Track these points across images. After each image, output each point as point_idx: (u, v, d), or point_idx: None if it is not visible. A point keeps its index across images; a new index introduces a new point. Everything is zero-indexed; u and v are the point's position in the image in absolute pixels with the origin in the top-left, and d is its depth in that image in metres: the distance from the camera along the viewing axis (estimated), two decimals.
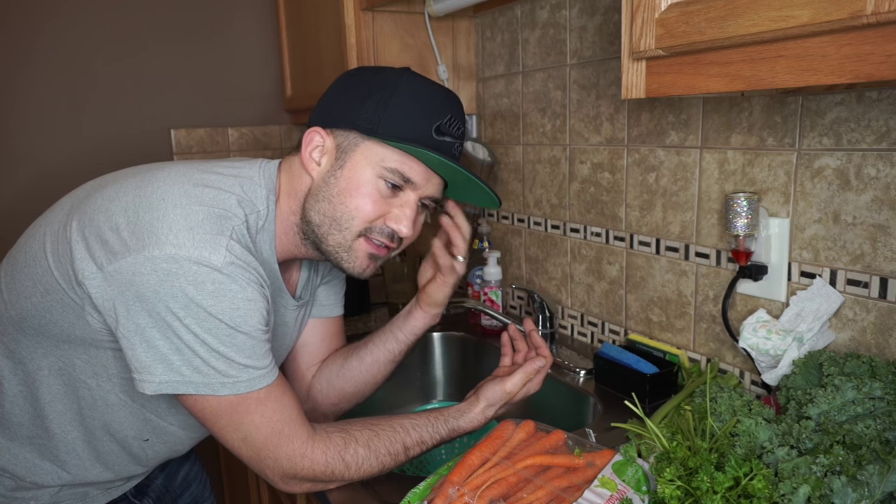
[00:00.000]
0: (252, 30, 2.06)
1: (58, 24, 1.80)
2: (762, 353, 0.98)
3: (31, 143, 1.81)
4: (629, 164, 1.29)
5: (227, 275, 0.76)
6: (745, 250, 1.03)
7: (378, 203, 0.88)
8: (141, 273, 0.75)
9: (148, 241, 0.75)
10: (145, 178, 0.83)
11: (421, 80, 0.90)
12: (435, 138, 0.87)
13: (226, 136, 2.07)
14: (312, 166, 0.90)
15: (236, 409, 0.80)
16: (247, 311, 0.78)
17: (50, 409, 0.88)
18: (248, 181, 0.88)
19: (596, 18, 1.32)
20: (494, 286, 1.59)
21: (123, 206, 0.80)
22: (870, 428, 0.75)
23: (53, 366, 0.86)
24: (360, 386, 1.09)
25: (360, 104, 0.87)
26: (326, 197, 0.88)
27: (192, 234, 0.76)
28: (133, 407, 0.90)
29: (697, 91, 0.71)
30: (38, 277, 0.82)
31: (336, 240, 0.89)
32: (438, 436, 0.93)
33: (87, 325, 0.81)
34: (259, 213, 0.87)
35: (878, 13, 0.52)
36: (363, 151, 0.87)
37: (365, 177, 0.87)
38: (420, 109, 0.87)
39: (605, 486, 0.78)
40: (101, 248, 0.77)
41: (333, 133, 0.90)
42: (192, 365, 0.77)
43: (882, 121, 0.89)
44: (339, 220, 0.88)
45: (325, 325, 1.11)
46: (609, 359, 1.23)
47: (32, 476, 0.91)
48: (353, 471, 0.86)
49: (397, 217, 0.89)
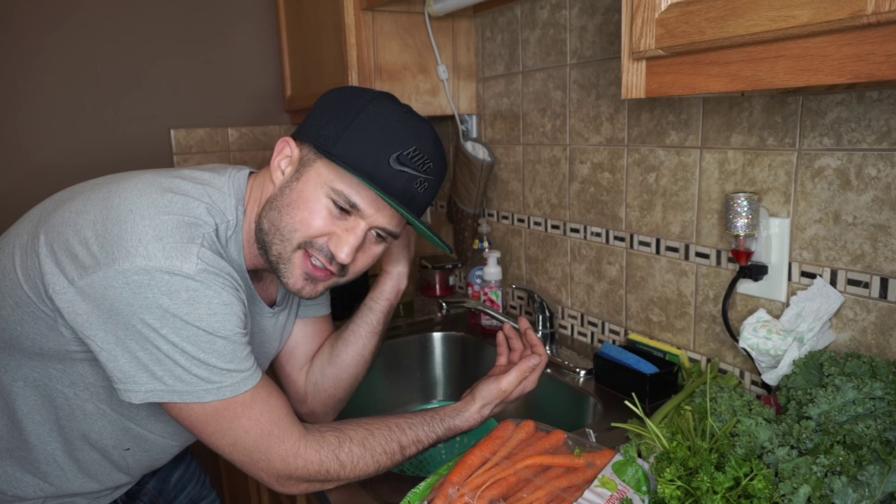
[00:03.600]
0: (252, 30, 2.06)
1: (58, 25, 1.80)
2: (762, 353, 0.98)
3: (32, 143, 1.81)
4: (629, 164, 1.29)
5: (201, 281, 0.76)
6: (746, 250, 1.03)
7: (325, 221, 0.87)
8: (113, 287, 0.74)
9: (118, 255, 0.75)
10: (112, 189, 0.83)
11: (393, 107, 0.88)
12: (392, 168, 0.85)
13: (226, 136, 2.07)
14: (277, 175, 0.90)
15: (223, 415, 0.80)
16: (224, 316, 0.78)
17: (27, 420, 0.88)
18: (216, 191, 0.87)
19: (596, 18, 1.32)
20: (494, 286, 1.59)
21: (91, 218, 0.79)
22: (870, 428, 0.75)
23: (28, 377, 0.85)
24: (351, 367, 1.09)
25: (327, 122, 0.87)
26: (277, 206, 0.88)
27: (162, 245, 0.76)
28: (112, 416, 0.89)
29: (697, 91, 0.71)
30: (8, 291, 0.81)
31: (277, 249, 0.88)
32: (435, 434, 0.93)
33: (59, 336, 0.80)
34: (228, 222, 0.87)
35: (878, 13, 0.52)
36: (316, 169, 0.87)
37: (314, 194, 0.87)
38: (380, 136, 0.85)
39: (606, 486, 0.78)
40: (70, 263, 0.77)
41: (301, 145, 0.90)
42: (173, 374, 0.77)
43: (882, 121, 0.89)
44: (283, 230, 0.87)
45: (314, 324, 1.11)
46: (609, 359, 1.23)
47: (14, 489, 0.90)
48: (348, 470, 0.86)
49: (338, 240, 0.87)
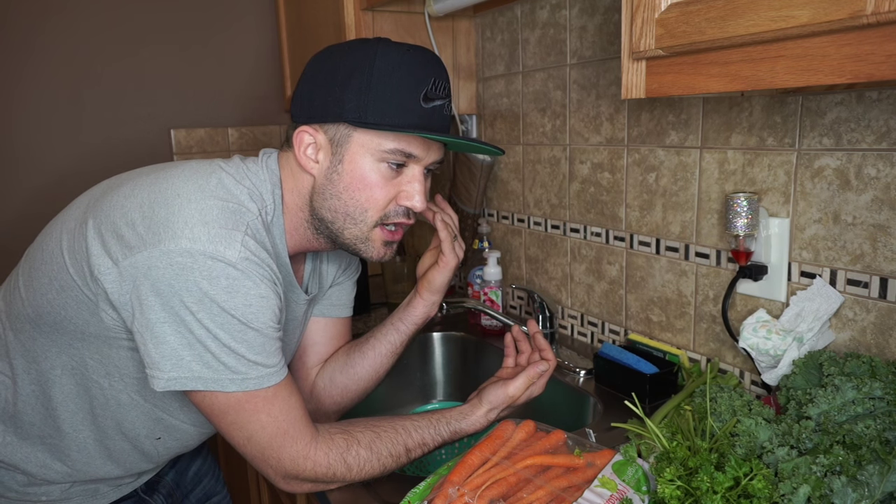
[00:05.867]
0: (252, 30, 2.06)
1: (58, 25, 1.80)
2: (762, 353, 0.98)
3: (32, 143, 1.82)
4: (629, 164, 1.29)
5: (242, 270, 0.77)
6: (745, 250, 1.03)
7: (386, 188, 0.88)
8: (156, 266, 0.75)
9: (164, 235, 0.76)
10: (160, 175, 0.84)
11: (396, 50, 0.86)
12: (424, 108, 0.85)
13: (226, 136, 2.07)
14: (311, 165, 0.89)
15: (244, 407, 0.80)
16: (259, 308, 0.78)
17: (62, 408, 0.89)
18: (253, 175, 0.88)
19: (596, 18, 1.32)
20: (494, 286, 1.59)
21: (139, 202, 0.80)
22: (870, 428, 0.75)
23: (66, 365, 0.86)
24: (363, 381, 1.09)
25: (342, 93, 0.85)
26: (334, 194, 0.88)
27: (208, 229, 0.76)
28: (145, 406, 0.90)
29: (697, 91, 0.71)
30: (55, 275, 0.82)
31: (352, 233, 0.89)
32: (440, 438, 0.93)
33: (100, 321, 0.81)
34: (267, 206, 0.87)
35: (878, 13, 0.52)
36: (358, 141, 0.86)
37: (367, 166, 0.87)
38: (403, 83, 0.84)
39: (605, 486, 0.78)
40: (116, 243, 0.77)
41: (323, 128, 0.88)
42: (202, 360, 0.77)
43: (882, 121, 0.89)
44: (353, 214, 0.88)
45: (335, 325, 1.11)
46: (609, 359, 1.23)
47: (44, 474, 0.92)
48: (354, 472, 0.86)
49: (409, 194, 0.89)
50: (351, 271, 1.13)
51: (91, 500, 0.96)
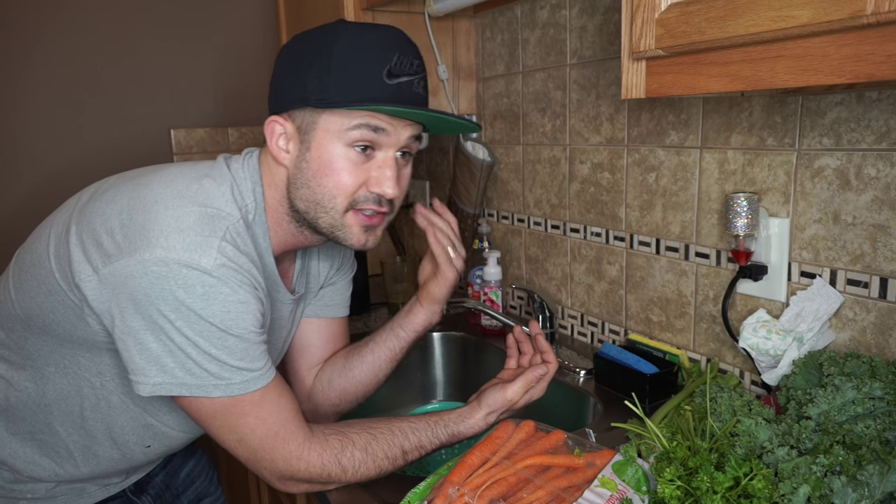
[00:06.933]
0: (252, 30, 2.06)
1: (58, 25, 1.80)
2: (762, 353, 0.98)
3: (32, 143, 1.82)
4: (629, 164, 1.29)
5: (218, 277, 0.76)
6: (745, 250, 1.03)
7: (354, 173, 0.85)
8: (133, 276, 0.75)
9: (139, 244, 0.75)
10: (142, 180, 0.84)
11: (355, 30, 0.84)
12: (388, 84, 0.82)
13: (226, 136, 2.07)
14: (283, 156, 0.87)
15: (230, 411, 0.80)
16: (238, 314, 0.78)
17: (55, 406, 0.89)
18: (235, 174, 0.87)
19: (596, 18, 1.32)
20: (494, 286, 1.59)
21: (119, 208, 0.80)
22: (870, 428, 0.75)
23: (60, 363, 0.87)
24: (361, 385, 1.09)
25: (304, 77, 0.83)
26: (304, 182, 0.86)
27: (183, 237, 0.76)
28: (135, 411, 0.90)
29: (697, 91, 0.71)
30: (42, 278, 0.82)
31: (326, 221, 0.87)
32: (438, 440, 0.93)
33: (87, 326, 0.81)
34: (248, 206, 0.86)
35: (878, 13, 0.52)
36: (323, 126, 0.84)
37: (334, 151, 0.84)
38: (363, 61, 0.82)
39: (605, 486, 0.78)
40: (96, 251, 0.78)
41: (291, 116, 0.86)
42: (184, 367, 0.77)
43: (882, 121, 0.89)
44: (322, 202, 0.86)
45: (330, 325, 1.11)
46: (609, 359, 1.23)
47: (30, 471, 0.92)
48: (349, 474, 0.86)
49: (378, 180, 0.86)
50: (345, 270, 1.11)
51: (77, 499, 0.96)
